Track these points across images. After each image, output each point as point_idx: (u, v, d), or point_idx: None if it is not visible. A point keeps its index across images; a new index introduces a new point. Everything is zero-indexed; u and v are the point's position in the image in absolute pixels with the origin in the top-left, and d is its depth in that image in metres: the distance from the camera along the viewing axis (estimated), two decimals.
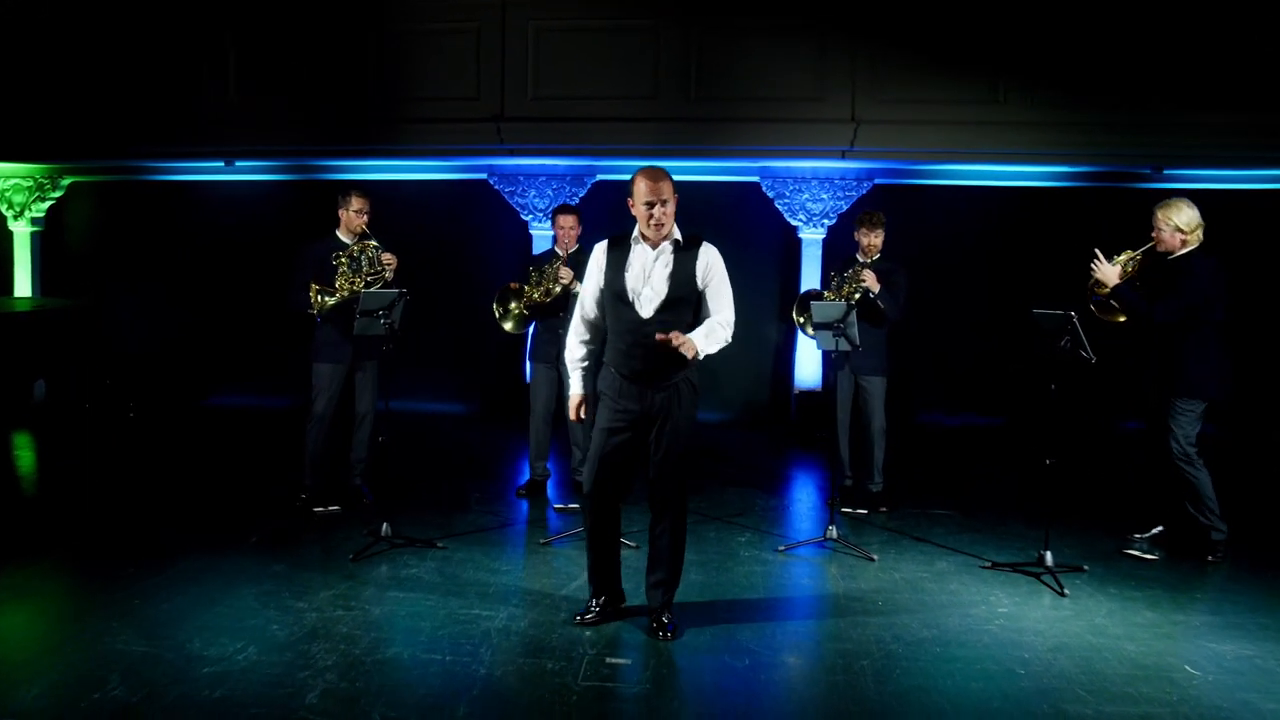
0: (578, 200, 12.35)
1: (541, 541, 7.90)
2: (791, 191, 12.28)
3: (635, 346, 5.84)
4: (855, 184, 12.22)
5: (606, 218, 10.96)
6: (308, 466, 8.58)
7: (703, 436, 11.35)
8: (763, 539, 8.17)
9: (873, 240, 8.84)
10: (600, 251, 6.04)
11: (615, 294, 5.91)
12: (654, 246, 5.91)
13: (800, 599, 6.90)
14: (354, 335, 7.93)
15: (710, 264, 5.94)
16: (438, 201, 13.23)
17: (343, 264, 8.24)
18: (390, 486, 8.40)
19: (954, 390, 12.67)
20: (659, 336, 5.66)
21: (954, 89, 11.15)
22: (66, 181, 13.88)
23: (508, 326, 8.84)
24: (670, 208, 5.83)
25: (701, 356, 5.78)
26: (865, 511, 8.86)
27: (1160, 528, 8.14)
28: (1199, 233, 7.64)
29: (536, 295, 8.77)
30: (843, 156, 11.39)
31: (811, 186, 12.24)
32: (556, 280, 8.73)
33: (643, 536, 7.02)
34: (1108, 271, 7.78)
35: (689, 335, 5.71)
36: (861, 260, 8.87)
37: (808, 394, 12.40)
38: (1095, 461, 11.12)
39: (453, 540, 7.87)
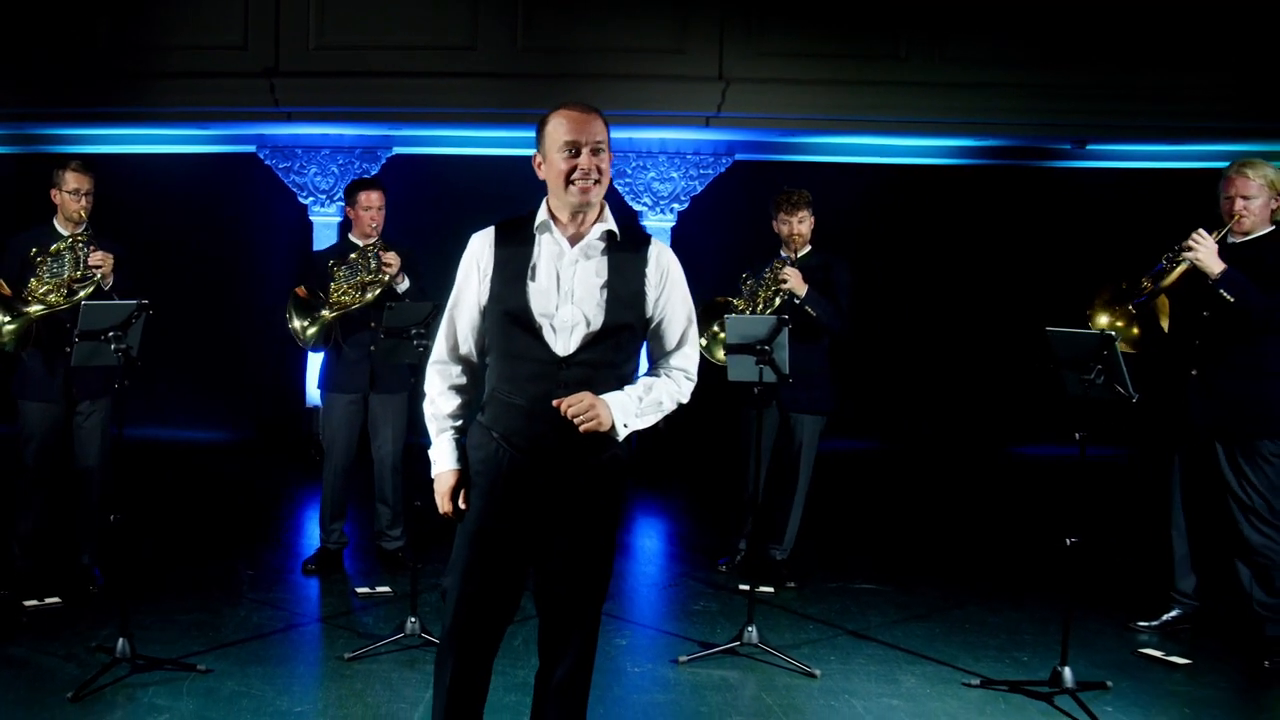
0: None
1: (347, 656, 5.66)
2: (634, 169, 10.45)
3: (541, 403, 3.63)
4: (712, 160, 10.45)
5: (405, 203, 9.01)
6: (16, 541, 6.44)
7: None
8: (650, 641, 6.11)
9: (796, 228, 6.84)
10: (484, 246, 3.81)
11: (511, 316, 3.70)
12: (574, 240, 3.74)
13: None
14: (72, 366, 5.85)
15: (667, 272, 3.83)
16: (192, 182, 11.20)
17: (41, 265, 6.14)
18: (131, 563, 6.10)
19: None
20: (556, 403, 3.57)
21: (846, 42, 9.44)
22: None
23: (310, 334, 6.82)
24: (606, 162, 3.70)
25: (624, 435, 3.72)
26: (771, 590, 6.82)
27: (1176, 611, 6.26)
28: None
29: (348, 298, 6.76)
30: (706, 124, 9.57)
31: (659, 163, 10.41)
32: (378, 271, 6.73)
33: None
34: (1213, 251, 5.68)
35: (607, 397, 3.64)
36: (784, 255, 6.88)
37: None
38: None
39: (220, 655, 5.63)
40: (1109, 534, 8.01)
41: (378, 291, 6.73)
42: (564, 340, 3.66)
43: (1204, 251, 5.64)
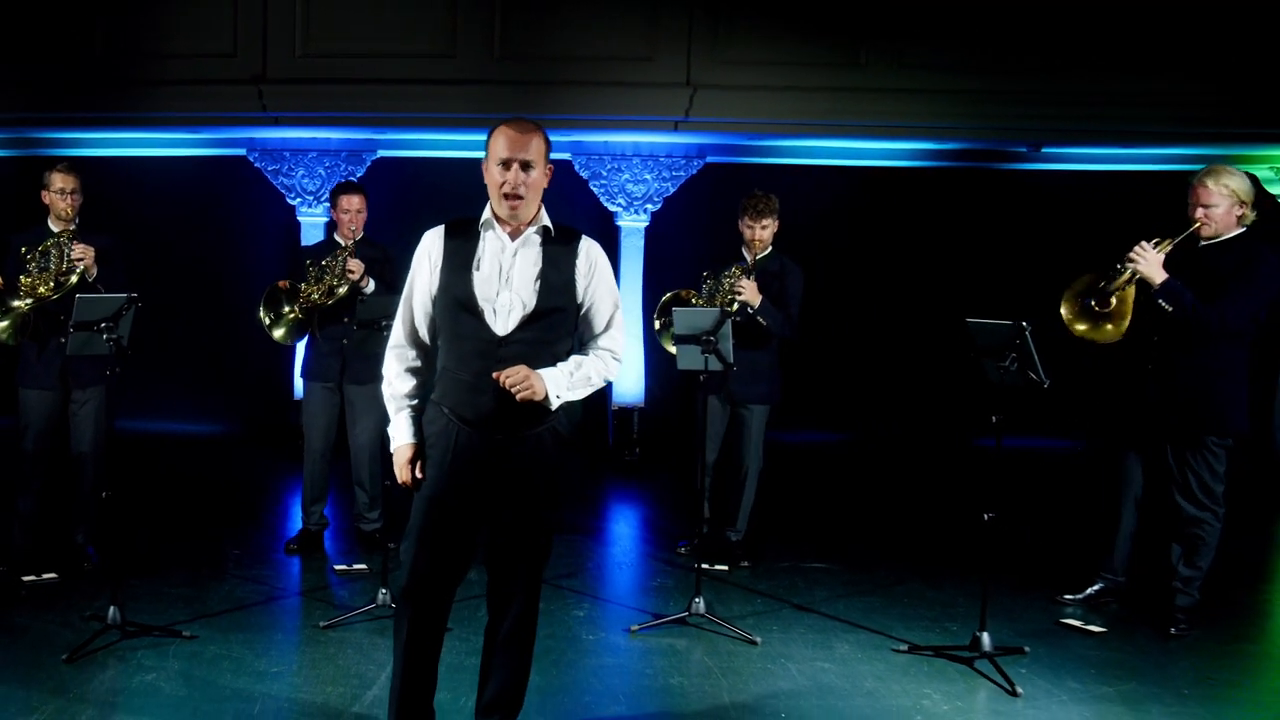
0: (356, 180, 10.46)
1: (323, 624, 6.10)
2: (609, 171, 10.71)
3: (484, 378, 4.09)
4: (684, 162, 10.72)
5: (389, 203, 9.31)
6: (16, 521, 6.81)
7: None
8: (607, 613, 6.55)
9: (759, 233, 7.17)
10: (434, 241, 4.29)
11: (458, 301, 4.17)
12: (514, 235, 4.20)
13: (672, 712, 5.23)
14: (67, 356, 6.19)
15: (595, 264, 4.31)
16: (186, 183, 11.43)
17: (30, 261, 6.54)
18: (123, 542, 6.57)
19: (793, 402, 11.29)
20: (495, 375, 4.02)
21: (808, 50, 9.71)
22: None
23: (278, 334, 7.26)
24: (535, 176, 4.15)
25: (557, 405, 4.17)
26: (725, 568, 7.24)
27: (1100, 585, 6.69)
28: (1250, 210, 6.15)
29: (316, 295, 7.18)
30: (675, 128, 9.84)
31: (633, 165, 10.68)
32: (343, 275, 7.13)
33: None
34: (1154, 262, 6.02)
35: (541, 371, 4.08)
36: (746, 258, 7.23)
37: (627, 411, 10.83)
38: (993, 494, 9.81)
39: (205, 624, 6.07)
40: (1053, 516, 8.44)
41: (343, 292, 7.09)
42: (503, 321, 4.12)
43: (1144, 264, 6.00)
